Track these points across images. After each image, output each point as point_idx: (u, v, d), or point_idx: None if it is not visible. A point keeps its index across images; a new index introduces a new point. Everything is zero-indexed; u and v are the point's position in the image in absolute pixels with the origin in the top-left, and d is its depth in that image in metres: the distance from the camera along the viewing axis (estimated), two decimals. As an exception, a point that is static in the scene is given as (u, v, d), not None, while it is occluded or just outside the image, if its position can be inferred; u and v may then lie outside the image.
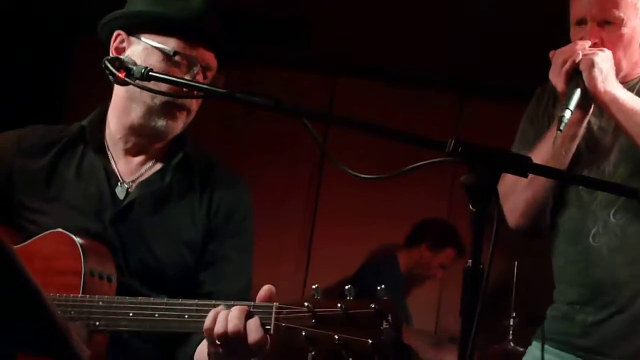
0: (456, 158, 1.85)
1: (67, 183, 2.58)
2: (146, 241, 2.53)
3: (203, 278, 2.58)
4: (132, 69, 2.31)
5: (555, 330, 2.86)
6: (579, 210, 2.80)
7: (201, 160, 2.68)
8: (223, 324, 2.12)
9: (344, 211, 6.40)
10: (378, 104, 6.26)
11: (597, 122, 2.79)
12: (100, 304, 2.30)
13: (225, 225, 2.62)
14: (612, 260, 2.72)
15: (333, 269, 6.20)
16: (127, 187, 2.58)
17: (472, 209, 1.84)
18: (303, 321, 2.06)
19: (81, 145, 2.63)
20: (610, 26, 2.72)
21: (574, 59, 2.64)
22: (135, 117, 2.55)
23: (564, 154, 2.72)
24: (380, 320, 2.00)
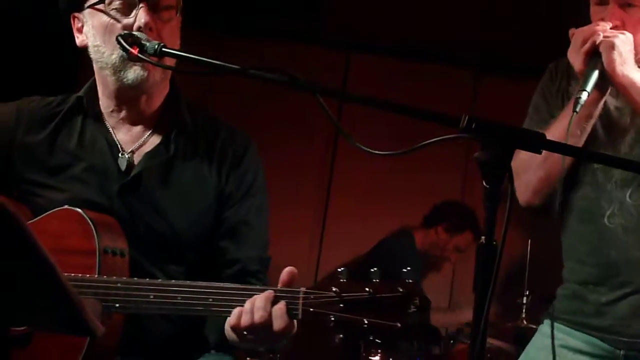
0: (470, 134, 1.84)
1: (69, 155, 2.57)
2: (158, 212, 2.52)
3: (225, 245, 2.57)
4: (146, 45, 2.30)
5: (567, 309, 2.85)
6: (593, 190, 2.78)
7: (205, 124, 2.66)
8: (249, 315, 2.12)
9: (358, 187, 6.40)
10: (392, 80, 6.24)
11: (613, 103, 2.77)
12: (118, 285, 2.27)
13: (238, 189, 2.61)
14: (627, 240, 2.70)
15: (347, 245, 6.21)
16: (128, 157, 2.56)
17: (486, 185, 1.84)
18: (331, 306, 2.06)
19: (80, 115, 2.62)
20: (632, 9, 2.68)
21: (594, 39, 2.62)
22: (111, 83, 2.53)
23: (579, 133, 2.70)
24: (408, 303, 2.02)
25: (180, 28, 2.59)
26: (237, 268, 2.54)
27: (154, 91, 2.57)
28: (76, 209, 2.39)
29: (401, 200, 6.29)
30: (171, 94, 2.65)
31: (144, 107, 2.59)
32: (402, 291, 2.02)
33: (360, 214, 6.32)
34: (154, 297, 2.24)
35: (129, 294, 2.26)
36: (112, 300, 2.27)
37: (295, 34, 6.33)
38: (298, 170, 6.43)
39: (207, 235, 2.57)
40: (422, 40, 6.21)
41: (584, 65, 2.63)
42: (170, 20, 2.51)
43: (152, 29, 2.43)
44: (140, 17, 2.42)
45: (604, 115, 2.76)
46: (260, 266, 2.59)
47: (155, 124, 2.62)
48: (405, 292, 2.02)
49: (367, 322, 2.03)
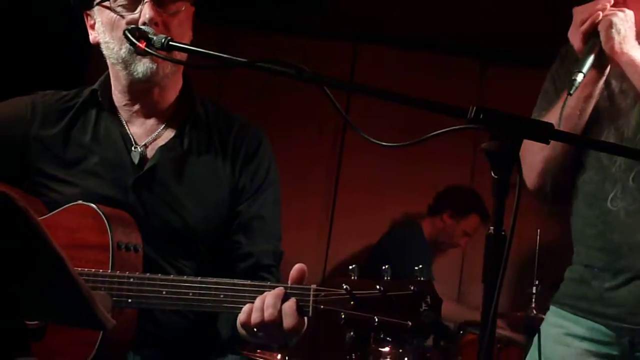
0: (478, 125, 1.84)
1: (84, 148, 2.58)
2: (172, 205, 2.53)
3: (239, 239, 2.58)
4: (153, 39, 2.30)
5: (571, 294, 2.84)
6: (598, 173, 2.78)
7: (218, 118, 2.67)
8: (259, 312, 2.13)
9: (367, 178, 6.40)
10: (399, 70, 6.24)
11: (618, 85, 2.76)
12: (131, 280, 2.29)
13: (252, 183, 2.62)
14: (630, 224, 2.69)
15: (355, 236, 6.22)
16: (141, 150, 2.57)
17: (494, 175, 1.84)
18: (342, 303, 2.06)
19: (94, 108, 2.63)
20: None
21: (593, 18, 2.61)
22: (123, 78, 2.55)
23: (578, 114, 2.69)
24: (419, 301, 2.01)
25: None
26: (250, 262, 2.55)
27: (166, 84, 2.58)
28: (90, 204, 2.40)
29: (409, 192, 6.29)
30: (184, 88, 2.66)
31: (157, 100, 2.60)
32: (414, 289, 2.02)
33: (369, 206, 6.32)
34: (166, 293, 2.26)
35: (142, 289, 2.28)
36: (125, 295, 2.28)
37: (303, 25, 6.32)
38: (306, 162, 6.43)
39: (221, 229, 2.58)
40: (429, 30, 6.20)
41: (583, 45, 2.62)
42: (177, 13, 2.51)
43: (158, 23, 2.44)
44: (145, 13, 2.43)
45: (608, 97, 2.75)
46: (274, 260, 2.60)
47: (169, 117, 2.63)
48: (416, 290, 2.02)
49: (378, 320, 2.02)
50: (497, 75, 6.41)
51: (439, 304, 2.03)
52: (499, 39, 6.09)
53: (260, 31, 6.31)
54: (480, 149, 1.85)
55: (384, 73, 6.08)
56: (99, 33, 2.55)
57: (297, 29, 6.35)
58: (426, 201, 6.00)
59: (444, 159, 6.16)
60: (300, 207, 6.19)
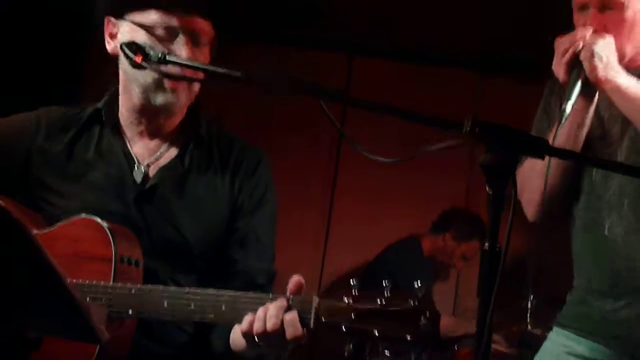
0: (473, 138, 1.84)
1: (86, 164, 2.59)
2: (171, 221, 2.54)
3: (234, 256, 2.59)
4: (150, 53, 2.31)
5: (574, 316, 2.86)
6: (593, 200, 2.79)
7: (219, 138, 2.68)
8: (262, 322, 2.13)
9: (363, 190, 6.40)
10: (395, 83, 6.25)
11: (607, 111, 2.77)
12: (132, 292, 2.29)
13: (250, 201, 2.62)
14: (628, 250, 2.70)
15: (351, 248, 6.22)
16: (145, 169, 2.58)
17: (489, 189, 1.84)
18: (343, 315, 2.07)
19: (98, 126, 2.64)
20: (612, 11, 2.67)
21: (574, 48, 2.62)
22: (136, 98, 2.54)
23: (572, 142, 2.70)
24: (419, 316, 2.03)
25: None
26: (244, 279, 2.55)
27: (177, 111, 2.60)
28: (94, 217, 2.40)
29: (405, 204, 6.30)
30: (191, 109, 2.66)
31: (164, 123, 2.61)
32: (414, 304, 2.04)
33: (365, 218, 6.32)
34: (167, 304, 2.26)
35: (142, 300, 2.28)
36: (125, 306, 2.28)
37: (299, 38, 6.33)
38: (302, 173, 6.44)
39: (219, 246, 2.59)
40: (425, 43, 6.22)
41: (567, 76, 2.63)
42: (204, 55, 2.53)
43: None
44: (181, 51, 2.43)
45: (598, 124, 2.76)
46: (267, 280, 2.60)
47: (172, 137, 2.64)
48: (416, 304, 2.04)
49: (378, 333, 2.04)
50: (493, 88, 6.42)
51: (438, 318, 2.05)
52: (495, 52, 6.11)
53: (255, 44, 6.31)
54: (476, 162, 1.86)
55: (380, 86, 6.08)
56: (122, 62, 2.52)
57: (293, 42, 6.35)
58: (422, 213, 6.00)
59: (440, 172, 6.16)
60: (297, 219, 6.19)
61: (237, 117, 5.74)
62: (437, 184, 6.27)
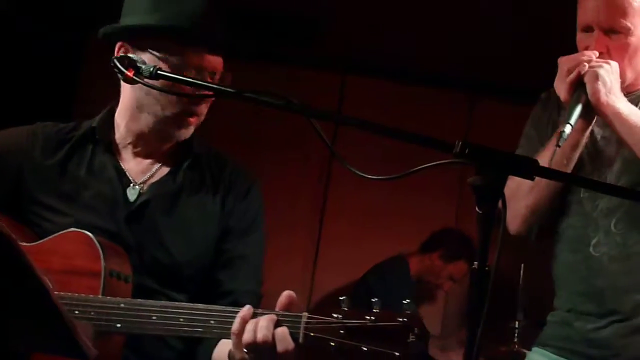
0: (464, 159, 1.85)
1: (79, 182, 2.59)
2: (161, 241, 2.54)
3: (221, 277, 2.59)
4: (141, 67, 2.31)
5: (554, 335, 2.86)
6: (580, 219, 2.79)
7: (211, 159, 2.69)
8: (252, 333, 2.14)
9: (353, 211, 6.39)
10: (388, 103, 6.25)
11: (600, 132, 2.78)
12: (121, 305, 2.29)
13: (239, 223, 2.63)
14: (613, 269, 2.71)
15: (341, 268, 6.20)
16: (140, 188, 2.58)
17: (479, 210, 1.84)
18: (332, 332, 2.09)
19: (91, 144, 2.64)
20: (617, 35, 2.68)
21: (579, 70, 2.62)
22: (146, 126, 2.56)
23: (565, 163, 2.71)
24: (408, 333, 2.05)
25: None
26: (230, 300, 2.54)
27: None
28: (85, 232, 2.41)
29: (395, 224, 6.29)
30: None
31: (161, 146, 2.63)
32: (403, 321, 2.06)
33: (354, 238, 6.31)
34: (156, 318, 2.26)
35: (131, 314, 2.28)
36: (114, 320, 2.28)
37: (290, 56, 6.34)
38: (292, 192, 6.42)
39: (206, 268, 2.59)
40: (418, 63, 6.23)
41: (569, 96, 2.63)
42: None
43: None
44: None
45: (590, 145, 2.77)
46: (254, 302, 2.58)
47: (165, 157, 2.65)
48: (405, 322, 2.06)
49: (367, 350, 2.06)
50: (485, 110, 6.43)
51: (427, 335, 2.08)
52: (488, 74, 6.12)
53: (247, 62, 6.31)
54: (466, 183, 1.86)
55: (372, 105, 6.08)
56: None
57: (286, 60, 6.36)
58: (412, 234, 5.99)
59: (429, 192, 6.16)
60: (286, 238, 6.17)
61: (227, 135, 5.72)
62: (427, 205, 6.27)
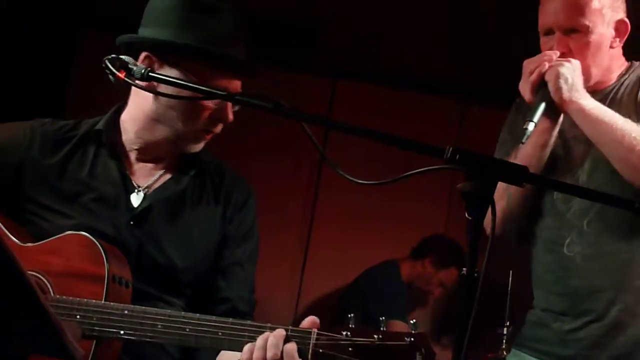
0: (454, 165, 1.85)
1: (80, 183, 2.57)
2: (161, 247, 2.53)
3: (219, 283, 2.61)
4: (133, 69, 2.30)
5: (532, 337, 2.88)
6: (554, 220, 2.82)
7: (212, 167, 2.70)
8: (262, 351, 2.15)
9: (342, 215, 6.40)
10: (378, 108, 6.26)
11: (571, 131, 2.80)
12: (125, 312, 2.29)
13: (237, 231, 2.65)
14: (587, 269, 2.73)
15: (330, 273, 6.20)
16: (144, 193, 2.58)
17: (468, 216, 1.85)
18: (340, 349, 2.12)
19: (94, 145, 2.62)
20: (577, 34, 2.74)
21: (540, 69, 2.68)
22: (161, 137, 2.57)
23: (535, 162, 2.75)
24: (414, 352, 2.09)
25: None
26: (228, 306, 2.57)
27: None
28: (87, 235, 2.40)
29: (385, 230, 6.29)
30: None
31: (169, 155, 2.64)
32: (410, 340, 2.10)
33: (343, 243, 6.31)
34: (162, 327, 2.26)
35: (136, 322, 2.28)
36: (118, 327, 2.28)
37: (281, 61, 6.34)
38: (282, 196, 6.42)
39: (205, 274, 2.60)
40: (409, 69, 6.24)
41: (533, 96, 2.69)
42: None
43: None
44: (228, 114, 2.56)
45: (562, 144, 2.81)
46: (249, 308, 2.64)
47: (170, 163, 2.65)
48: (412, 341, 2.10)
49: None
50: (477, 116, 6.45)
51: (433, 356, 2.11)
52: (479, 80, 6.13)
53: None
54: (456, 189, 1.87)
55: (363, 110, 6.09)
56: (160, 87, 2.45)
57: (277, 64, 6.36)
58: (402, 239, 6.00)
59: (420, 198, 6.17)
60: (275, 242, 6.15)
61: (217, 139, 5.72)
62: (417, 211, 6.27)
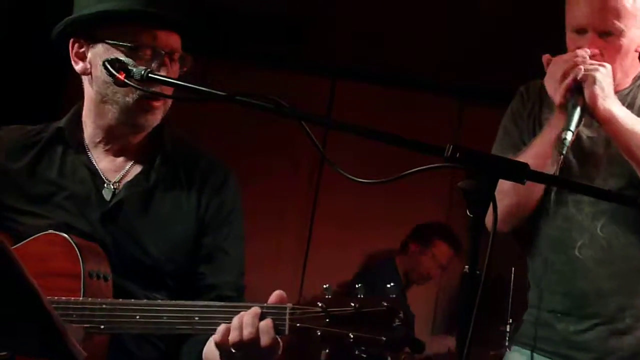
0: (454, 164, 1.85)
1: (50, 184, 2.55)
2: (137, 240, 2.51)
3: (202, 270, 2.58)
4: (132, 70, 2.30)
5: (535, 336, 2.86)
6: (565, 221, 2.79)
7: (184, 153, 2.65)
8: (238, 331, 2.13)
9: (342, 215, 6.40)
10: (378, 107, 6.27)
11: (586, 133, 2.77)
12: (103, 306, 2.27)
13: (217, 216, 2.61)
14: (598, 272, 2.71)
15: (330, 272, 6.19)
16: (114, 187, 2.55)
17: (470, 214, 1.84)
18: (317, 321, 2.10)
19: (60, 145, 2.60)
20: (611, 37, 2.67)
21: (575, 74, 2.61)
22: (112, 119, 2.52)
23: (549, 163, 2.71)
24: (392, 317, 2.06)
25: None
26: (213, 294, 2.54)
27: (151, 129, 2.58)
28: (61, 234, 2.38)
29: (385, 229, 6.29)
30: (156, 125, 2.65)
31: (131, 140, 2.59)
32: (387, 305, 2.07)
33: (344, 242, 6.31)
34: (140, 317, 2.25)
35: (114, 314, 2.27)
36: (98, 321, 2.27)
37: (281, 60, 6.35)
38: (282, 197, 6.43)
39: (186, 263, 2.57)
40: (408, 67, 6.24)
41: (564, 100, 2.63)
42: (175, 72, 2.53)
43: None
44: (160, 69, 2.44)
45: (577, 146, 2.76)
46: (236, 293, 2.59)
47: (137, 154, 2.61)
48: (389, 306, 2.07)
49: (353, 337, 2.06)
50: (475, 114, 6.44)
51: (412, 318, 2.08)
52: (477, 79, 6.14)
53: (237, 65, 6.32)
54: (456, 188, 1.86)
55: (362, 109, 6.09)
56: (94, 67, 2.49)
57: (276, 64, 6.37)
58: (402, 237, 6.01)
59: (420, 197, 6.17)
60: (275, 242, 6.18)
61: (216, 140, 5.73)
62: (417, 210, 6.27)
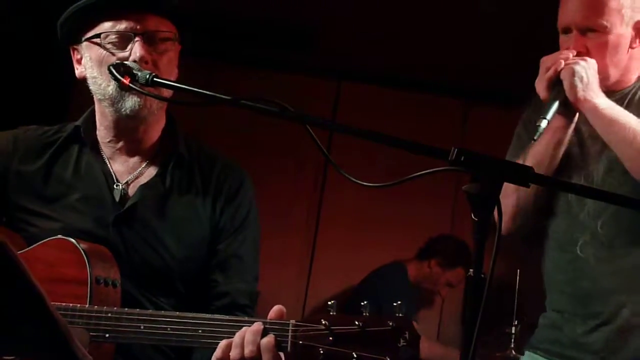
0: (459, 167, 1.85)
1: (65, 184, 2.57)
2: (151, 243, 2.52)
3: (216, 277, 2.58)
4: (137, 74, 2.31)
5: (545, 339, 2.87)
6: (567, 220, 2.81)
7: (200, 157, 2.67)
8: (239, 349, 2.12)
9: (348, 217, 6.40)
10: (383, 109, 6.26)
11: (587, 130, 2.80)
12: (109, 315, 2.28)
13: (231, 223, 2.61)
14: (599, 270, 2.72)
15: (336, 275, 6.20)
16: (123, 188, 2.56)
17: (474, 217, 1.84)
18: (320, 339, 2.06)
19: (76, 144, 2.62)
20: (594, 34, 2.73)
21: (556, 67, 2.68)
22: (110, 114, 2.54)
23: (549, 160, 2.75)
24: (398, 337, 2.02)
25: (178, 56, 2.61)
26: (226, 301, 2.54)
27: (151, 121, 2.58)
28: (69, 239, 2.39)
29: (390, 231, 6.29)
30: (168, 125, 2.66)
31: (142, 138, 2.60)
32: (392, 325, 2.03)
33: (349, 244, 6.31)
34: (144, 328, 2.25)
35: (120, 324, 2.27)
36: (103, 330, 2.27)
37: (286, 62, 6.35)
38: (288, 199, 6.42)
39: (199, 268, 2.58)
40: (413, 69, 6.24)
41: (547, 93, 2.69)
42: (166, 52, 2.52)
43: (148, 61, 2.44)
44: (135, 51, 2.43)
45: (578, 142, 2.81)
46: (249, 300, 2.60)
47: (151, 155, 2.62)
48: (395, 326, 2.03)
49: (356, 356, 2.02)
50: (480, 116, 6.45)
51: (417, 339, 2.05)
52: (482, 81, 6.13)
53: (242, 67, 6.32)
54: (461, 190, 1.86)
55: (367, 112, 6.09)
56: (86, 68, 2.54)
57: (281, 66, 6.37)
58: (407, 240, 5.99)
59: (425, 199, 6.16)
60: (281, 244, 6.17)
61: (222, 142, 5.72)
62: (422, 212, 6.27)
